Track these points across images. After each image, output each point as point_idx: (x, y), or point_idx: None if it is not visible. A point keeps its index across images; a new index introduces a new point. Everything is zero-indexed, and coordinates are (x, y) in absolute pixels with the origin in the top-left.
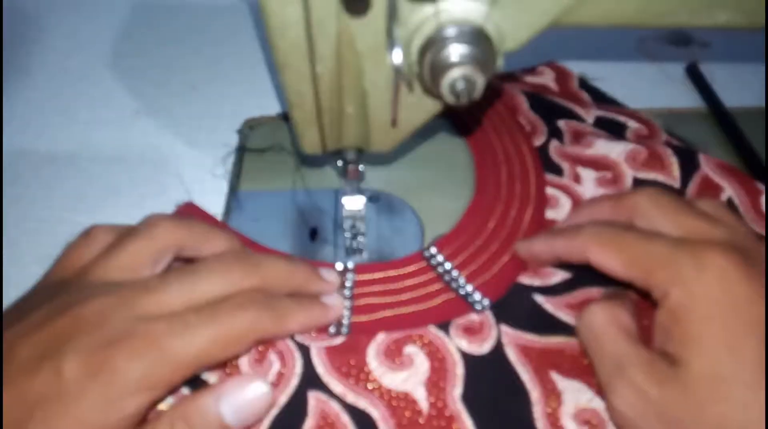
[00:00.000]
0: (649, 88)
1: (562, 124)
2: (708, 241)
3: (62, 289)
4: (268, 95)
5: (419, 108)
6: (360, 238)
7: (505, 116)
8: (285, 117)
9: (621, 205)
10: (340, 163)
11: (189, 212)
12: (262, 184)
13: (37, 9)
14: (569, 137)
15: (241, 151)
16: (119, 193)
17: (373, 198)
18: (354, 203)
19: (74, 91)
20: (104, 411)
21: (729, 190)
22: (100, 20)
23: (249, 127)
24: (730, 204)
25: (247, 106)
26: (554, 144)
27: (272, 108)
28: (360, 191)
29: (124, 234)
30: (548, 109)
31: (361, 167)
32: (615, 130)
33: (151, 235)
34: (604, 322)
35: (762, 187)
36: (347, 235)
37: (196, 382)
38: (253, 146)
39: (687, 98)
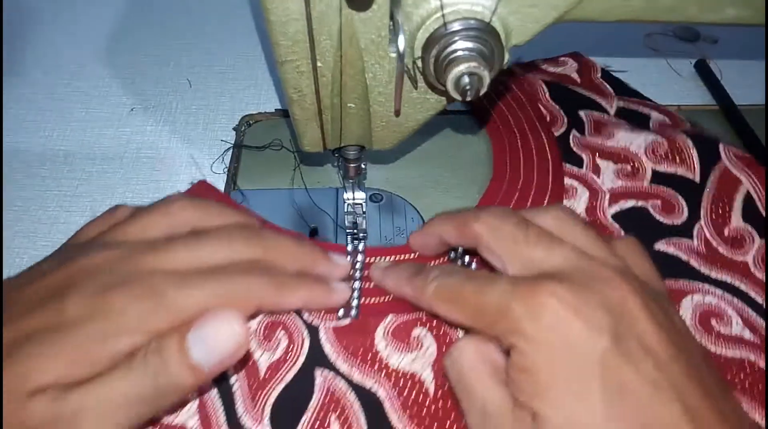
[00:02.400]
0: (658, 84)
1: (583, 114)
2: (541, 279)
3: (75, 247)
4: (266, 91)
5: (422, 104)
6: (362, 237)
7: (524, 104)
8: (283, 113)
9: (465, 231)
10: (341, 161)
11: (202, 190)
12: (260, 182)
13: (31, 5)
14: (590, 128)
15: (239, 147)
16: (115, 192)
17: (375, 197)
18: (355, 203)
19: (69, 88)
20: (97, 343)
21: (747, 184)
22: (94, 16)
23: (246, 124)
24: (748, 198)
25: (245, 103)
26: (574, 134)
27: (270, 104)
28: (361, 190)
29: (142, 209)
30: (569, 99)
31: (363, 165)
32: (638, 121)
33: (167, 210)
34: (473, 360)
35: None
36: (348, 235)
37: (220, 382)
38: (251, 143)
39: (695, 95)
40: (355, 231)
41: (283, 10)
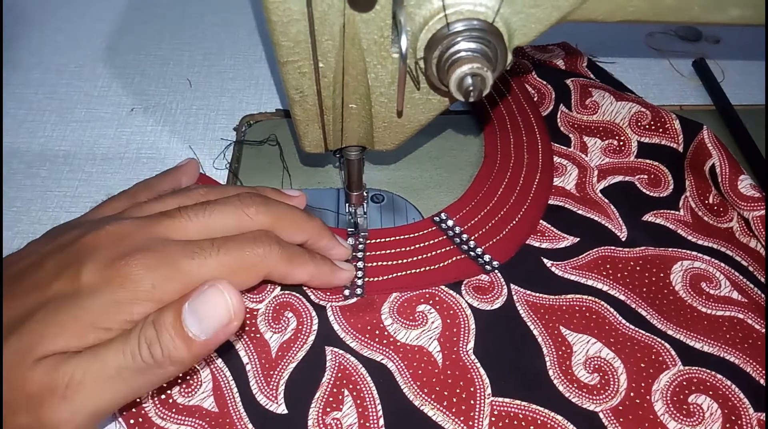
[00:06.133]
0: (659, 84)
1: (569, 82)
2: None
3: (94, 220)
4: (267, 91)
5: (424, 105)
6: (363, 235)
7: (513, 86)
8: (284, 113)
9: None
10: (342, 162)
11: (200, 183)
12: (261, 181)
13: (30, 4)
14: (576, 97)
15: (239, 143)
16: (115, 192)
17: (377, 198)
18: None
19: (69, 88)
20: (111, 311)
21: (715, 159)
22: (95, 16)
23: (247, 124)
24: (712, 171)
25: (245, 103)
26: (562, 110)
27: (270, 104)
28: (364, 210)
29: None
30: (555, 73)
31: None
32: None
33: (188, 192)
34: None
35: (743, 171)
36: (350, 232)
37: (233, 363)
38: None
39: (697, 95)
40: (357, 235)
41: (285, 10)
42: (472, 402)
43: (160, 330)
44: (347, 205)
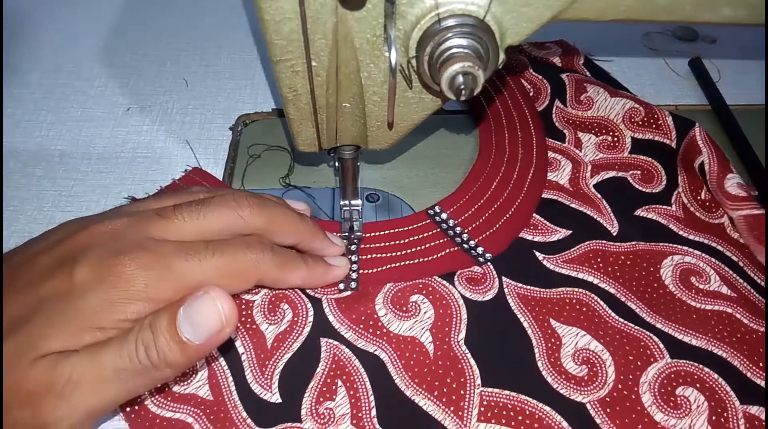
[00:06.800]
0: (655, 83)
1: (564, 76)
2: None
3: (91, 217)
4: (263, 91)
5: (417, 104)
6: (357, 234)
7: (509, 81)
8: (280, 113)
9: None
10: (336, 161)
11: (197, 177)
12: (256, 182)
13: (27, 4)
14: (571, 92)
15: (235, 147)
16: (111, 192)
17: (372, 197)
18: (352, 208)
19: (65, 88)
20: (105, 310)
21: (705, 157)
22: (91, 16)
23: (243, 124)
24: (701, 169)
25: (241, 102)
26: (557, 106)
27: (267, 104)
28: (358, 195)
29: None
30: (551, 68)
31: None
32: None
33: (188, 195)
34: None
35: (732, 169)
36: (345, 234)
37: (229, 353)
38: (247, 143)
39: (693, 95)
40: (352, 235)
41: (277, 9)
42: (462, 392)
43: (156, 333)
44: (341, 204)
